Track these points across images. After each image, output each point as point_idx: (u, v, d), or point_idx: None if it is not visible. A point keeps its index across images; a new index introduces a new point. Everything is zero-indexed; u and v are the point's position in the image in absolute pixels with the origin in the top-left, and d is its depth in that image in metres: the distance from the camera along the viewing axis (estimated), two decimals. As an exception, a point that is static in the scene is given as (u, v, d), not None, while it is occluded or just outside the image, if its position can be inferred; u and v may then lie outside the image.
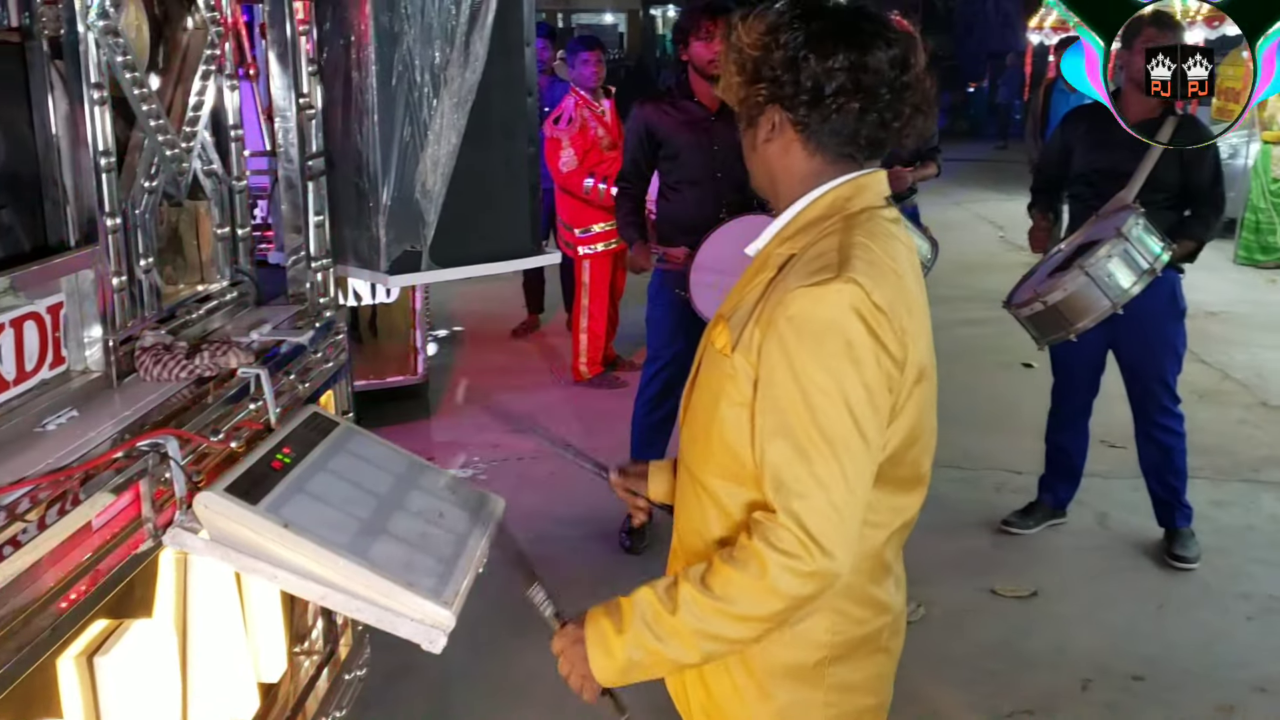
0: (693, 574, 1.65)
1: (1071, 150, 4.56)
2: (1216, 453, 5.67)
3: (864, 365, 1.59)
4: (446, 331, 7.91)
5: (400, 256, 2.78)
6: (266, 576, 1.75)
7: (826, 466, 1.58)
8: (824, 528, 1.57)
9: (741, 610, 1.61)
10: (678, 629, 1.63)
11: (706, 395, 1.77)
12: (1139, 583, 4.41)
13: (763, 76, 1.69)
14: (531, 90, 3.04)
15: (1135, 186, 4.27)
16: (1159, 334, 4.44)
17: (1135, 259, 4.09)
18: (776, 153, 1.75)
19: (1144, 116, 4.33)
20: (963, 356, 7.27)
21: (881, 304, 1.61)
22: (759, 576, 1.58)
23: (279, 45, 2.63)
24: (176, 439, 1.76)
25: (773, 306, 1.64)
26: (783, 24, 1.67)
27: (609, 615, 1.69)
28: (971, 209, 13.87)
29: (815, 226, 1.71)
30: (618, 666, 1.68)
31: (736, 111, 1.78)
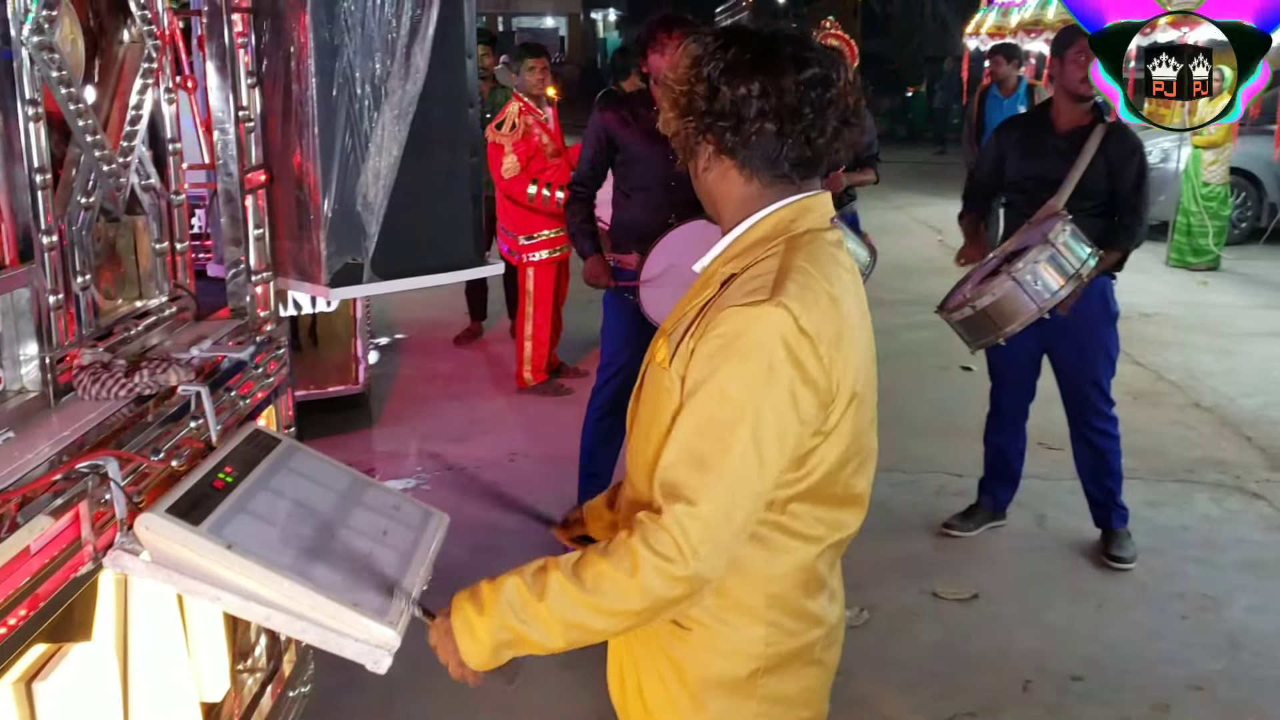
0: (563, 562, 1.68)
1: (1004, 158, 4.64)
2: (1151, 454, 5.78)
3: (778, 390, 1.63)
4: (388, 339, 7.87)
5: (341, 269, 2.76)
6: (209, 598, 1.73)
7: (717, 478, 1.62)
8: (702, 535, 1.61)
9: (608, 604, 1.65)
10: (542, 615, 1.66)
11: (649, 408, 1.80)
12: (1077, 583, 4.49)
13: (692, 109, 1.73)
14: (473, 102, 3.04)
15: (1064, 194, 4.36)
16: (1092, 338, 4.52)
17: (1061, 265, 4.17)
18: (715, 180, 1.80)
19: (1074, 125, 4.42)
20: (903, 360, 7.35)
21: (809, 329, 1.64)
22: (630, 573, 1.62)
23: (217, 57, 2.61)
24: (116, 460, 1.74)
25: (706, 323, 1.68)
26: (703, 56, 1.72)
27: (472, 601, 1.71)
28: (911, 213, 14.02)
29: (759, 247, 1.74)
30: (486, 649, 1.70)
31: (678, 144, 1.81)
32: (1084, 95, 4.42)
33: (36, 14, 1.95)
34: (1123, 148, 4.40)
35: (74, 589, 1.68)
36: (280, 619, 1.73)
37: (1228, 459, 5.81)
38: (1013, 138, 4.65)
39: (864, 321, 1.83)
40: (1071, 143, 4.39)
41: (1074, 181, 4.34)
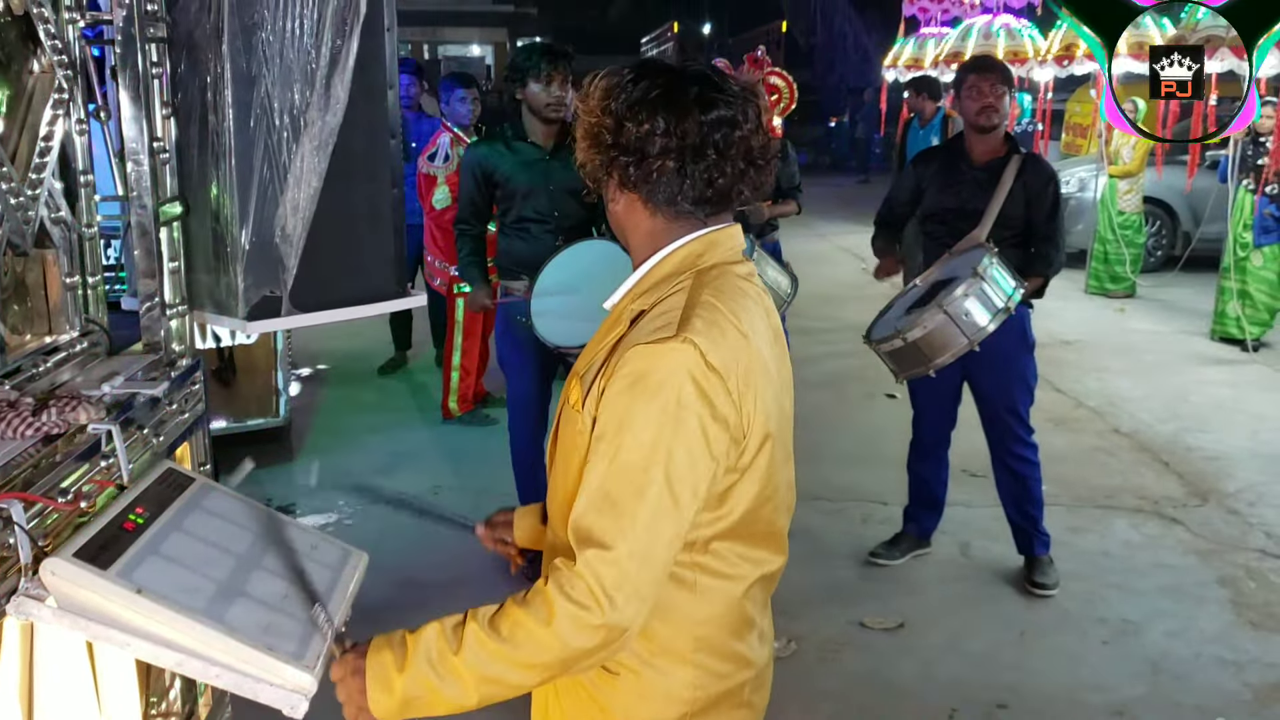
0: (482, 614, 1.65)
1: (922, 190, 4.71)
2: (1072, 480, 5.88)
3: (688, 427, 1.62)
4: (310, 370, 7.76)
5: (259, 302, 2.71)
6: (119, 644, 1.68)
7: (631, 522, 1.59)
8: (618, 582, 1.58)
9: (523, 656, 1.61)
10: (457, 669, 1.62)
11: (565, 453, 1.78)
12: (1001, 611, 4.53)
13: (599, 142, 1.74)
14: (395, 133, 3.01)
15: (987, 225, 4.44)
16: (1011, 367, 4.59)
17: (990, 298, 4.23)
18: (623, 213, 1.80)
19: (991, 156, 4.52)
20: (827, 388, 7.41)
21: (717, 365, 1.63)
22: (545, 622, 1.59)
23: (131, 87, 2.55)
24: (20, 502, 1.67)
25: (615, 362, 1.67)
26: (613, 90, 1.72)
27: (392, 649, 1.67)
28: (834, 241, 14.18)
29: (667, 283, 1.74)
30: (395, 703, 1.65)
31: (588, 174, 1.80)
32: (982, 126, 4.50)
33: (-61, 43, 1.90)
34: (1039, 177, 4.50)
35: (-26, 638, 1.62)
36: (193, 665, 1.68)
37: (1146, 485, 5.92)
38: (930, 169, 4.73)
39: (778, 354, 1.82)
40: (989, 174, 4.48)
41: (995, 212, 4.42)
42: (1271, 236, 8.61)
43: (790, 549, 1.91)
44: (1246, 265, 8.76)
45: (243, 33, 2.60)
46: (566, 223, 4.47)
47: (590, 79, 1.76)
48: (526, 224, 4.57)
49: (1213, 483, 5.94)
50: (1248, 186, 8.71)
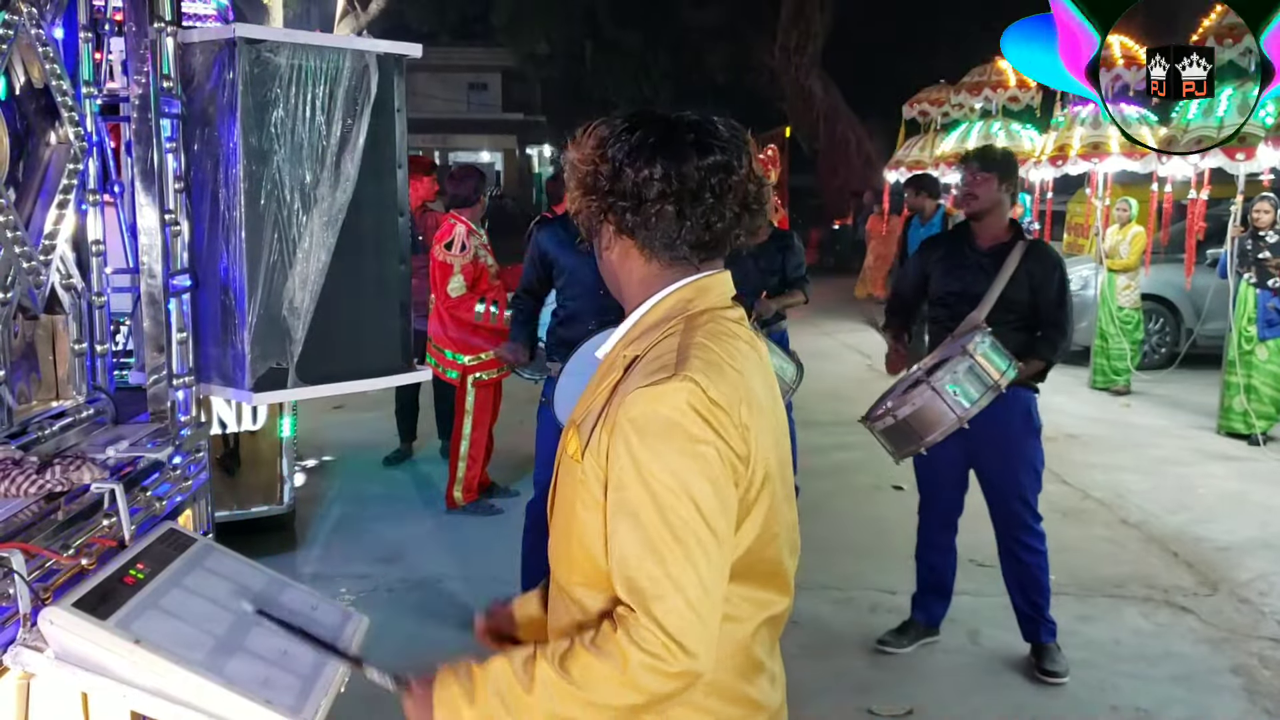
0: (550, 653, 1.65)
1: (928, 276, 4.76)
2: (1080, 569, 5.82)
3: (707, 460, 1.62)
4: (316, 461, 7.75)
5: (266, 373, 2.74)
6: (116, 695, 1.66)
7: (680, 567, 1.59)
8: (683, 629, 1.58)
9: (597, 699, 1.61)
10: (530, 707, 1.63)
11: (564, 503, 1.78)
12: (1011, 698, 4.46)
13: (595, 189, 1.75)
14: (403, 210, 3.07)
15: (986, 307, 4.48)
16: (1016, 451, 4.58)
17: (979, 376, 4.28)
18: (617, 259, 1.83)
19: (995, 241, 4.57)
20: (834, 478, 7.40)
21: (719, 400, 1.65)
22: (619, 669, 1.59)
23: (144, 161, 2.61)
24: (21, 553, 1.68)
25: (615, 409, 1.67)
26: (608, 138, 1.75)
27: (459, 682, 1.69)
28: (839, 339, 14.24)
29: (658, 328, 1.76)
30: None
31: (581, 222, 1.83)
32: (967, 212, 4.62)
33: (-40, 108, 1.95)
34: (1043, 263, 4.54)
35: (-30, 686, 1.61)
36: (189, 716, 1.66)
37: (1156, 574, 5.86)
38: (935, 255, 4.79)
39: (773, 398, 1.83)
40: (993, 259, 4.53)
41: (995, 295, 4.46)
42: (1276, 330, 8.64)
43: (798, 637, 1.92)
44: (1252, 359, 8.77)
45: (255, 110, 2.67)
46: (611, 303, 4.53)
47: (584, 128, 1.79)
48: (571, 302, 4.72)
49: (1223, 572, 5.87)
50: (1249, 280, 8.76)
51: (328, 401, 9.44)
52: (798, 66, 26.05)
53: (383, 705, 1.87)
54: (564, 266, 4.77)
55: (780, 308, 6.52)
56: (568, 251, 4.72)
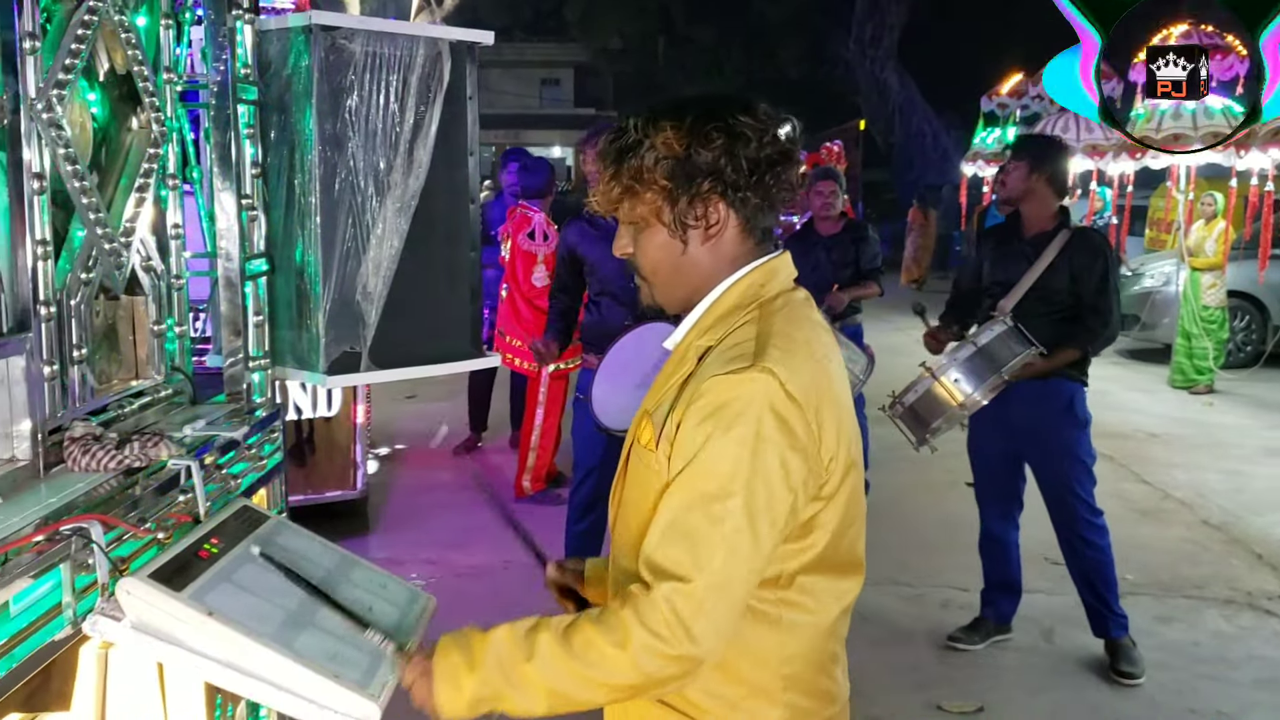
0: (555, 624, 1.65)
1: (983, 265, 4.72)
2: (1159, 570, 5.71)
3: (767, 460, 1.60)
4: (388, 449, 7.84)
5: (339, 357, 2.77)
6: (188, 666, 1.69)
7: (709, 555, 1.58)
8: (692, 613, 1.57)
9: (595, 675, 1.61)
10: (528, 677, 1.63)
11: (637, 493, 1.76)
12: (1086, 698, 4.39)
13: (699, 173, 1.69)
14: (474, 198, 3.09)
15: (1015, 296, 4.48)
16: (1058, 443, 4.54)
17: (985, 363, 4.30)
18: (678, 257, 1.76)
19: (1040, 230, 4.53)
20: (908, 475, 7.32)
21: (796, 394, 1.62)
22: (620, 646, 1.58)
23: (222, 148, 2.65)
24: (100, 524, 1.71)
25: (688, 396, 1.65)
26: (701, 119, 1.70)
27: (460, 650, 1.69)
28: (913, 334, 13.95)
29: (731, 316, 1.74)
30: (465, 701, 1.67)
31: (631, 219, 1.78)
32: (1004, 200, 4.60)
33: (47, 93, 1.99)
34: (1086, 251, 4.47)
35: (50, 653, 1.64)
36: (259, 689, 1.69)
37: (1238, 576, 5.73)
38: (989, 245, 4.81)
39: (844, 381, 1.81)
40: (1035, 248, 4.50)
41: (1027, 284, 4.46)
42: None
43: (867, 632, 1.94)
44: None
45: (330, 97, 2.70)
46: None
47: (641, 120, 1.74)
48: (603, 298, 4.73)
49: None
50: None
51: (401, 391, 9.56)
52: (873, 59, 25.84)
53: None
54: (595, 262, 4.83)
55: (851, 299, 6.47)
56: (598, 247, 4.77)
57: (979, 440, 4.74)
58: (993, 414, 4.48)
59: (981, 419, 4.55)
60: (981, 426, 4.64)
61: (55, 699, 1.80)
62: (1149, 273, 12.04)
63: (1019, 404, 4.45)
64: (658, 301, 1.84)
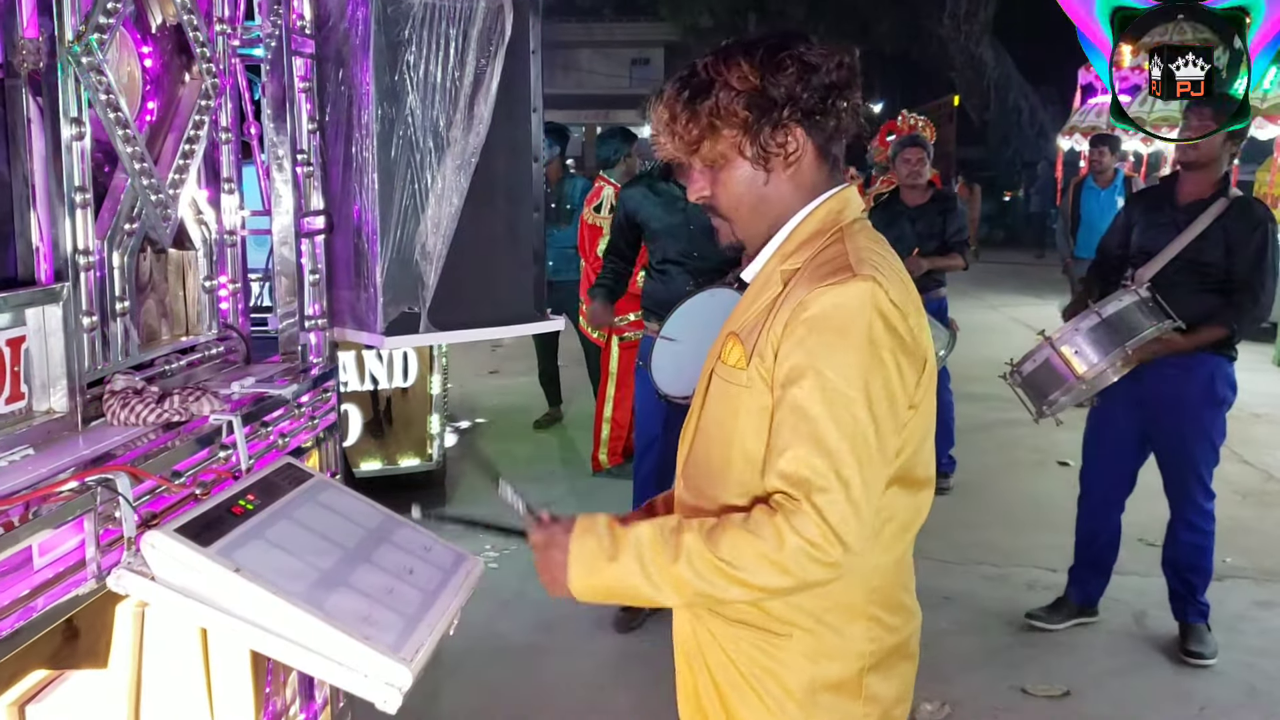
0: (696, 525, 1.65)
1: (1131, 230, 4.47)
2: (1261, 553, 5.45)
3: (885, 365, 1.63)
4: (469, 423, 7.83)
5: (398, 318, 2.71)
6: (212, 624, 1.63)
7: (846, 463, 1.59)
8: (844, 521, 1.58)
9: (745, 576, 1.61)
10: (674, 577, 1.64)
11: (721, 413, 1.78)
12: (1179, 684, 4.18)
13: (777, 101, 1.72)
14: (537, 156, 3.00)
15: (1156, 265, 4.24)
16: (1192, 420, 4.28)
17: (1105, 337, 4.08)
18: (790, 176, 1.78)
19: (1196, 197, 4.25)
20: (998, 454, 7.15)
21: (896, 299, 1.65)
22: (776, 549, 1.59)
23: (277, 101, 2.60)
24: (128, 476, 1.66)
25: (789, 312, 1.66)
26: (772, 50, 1.73)
27: (599, 537, 1.70)
28: (1006, 313, 13.75)
29: (813, 241, 1.76)
30: (595, 586, 1.71)
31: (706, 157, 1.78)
32: (1182, 161, 4.32)
33: (86, 35, 1.94)
34: (1244, 222, 4.18)
35: (72, 607, 1.59)
36: (286, 649, 1.62)
37: (1346, 561, 5.43)
38: (1137, 210, 4.52)
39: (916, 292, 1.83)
40: (1189, 215, 4.22)
41: (1172, 253, 4.19)
42: None
43: (951, 613, 1.92)
44: None
45: (388, 50, 2.63)
46: (705, 264, 4.48)
47: (709, 60, 1.77)
48: (666, 265, 4.65)
49: None
50: None
51: (483, 365, 9.56)
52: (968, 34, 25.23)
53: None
54: (656, 227, 4.70)
55: (932, 268, 6.24)
56: (659, 211, 4.65)
57: (1105, 417, 4.48)
58: (1126, 390, 4.25)
59: (1113, 396, 4.31)
60: (1111, 404, 4.39)
61: (85, 657, 1.75)
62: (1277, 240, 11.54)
63: (1155, 380, 4.20)
64: (738, 238, 1.86)
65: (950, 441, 6.59)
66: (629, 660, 4.29)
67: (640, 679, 4.11)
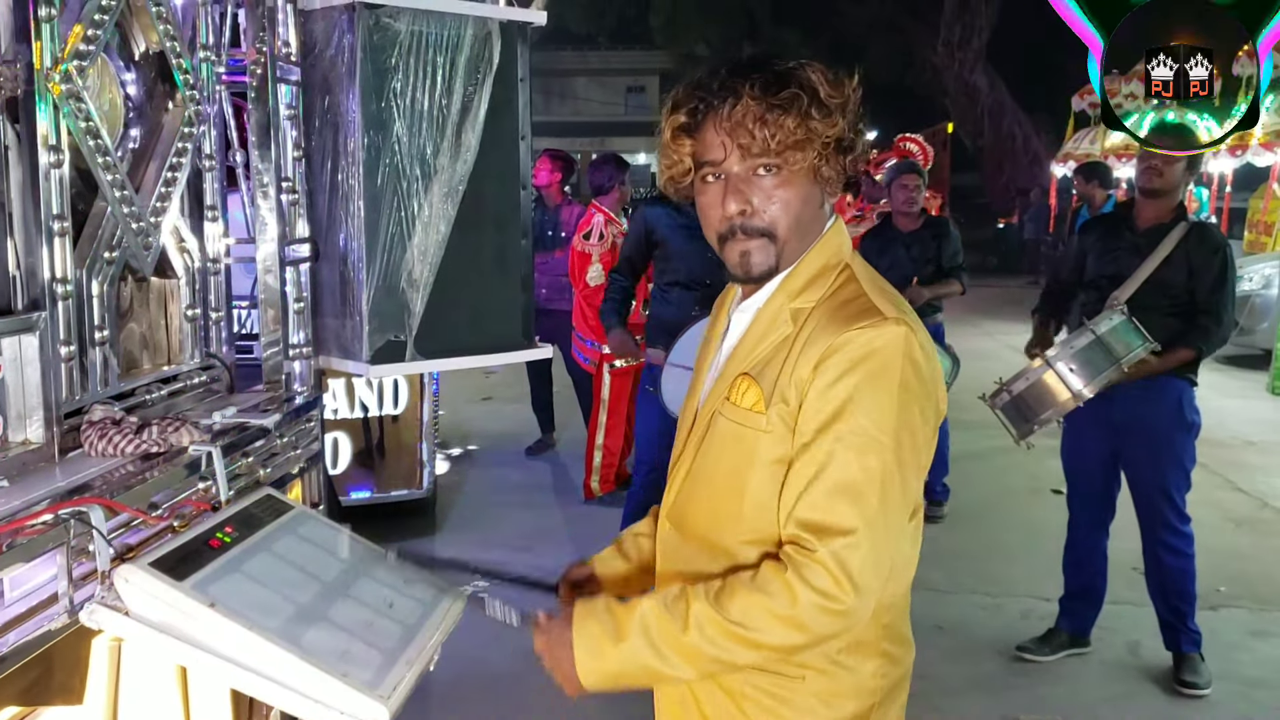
0: (702, 592, 1.61)
1: (1086, 258, 4.50)
2: (1256, 581, 5.42)
3: (912, 411, 1.62)
4: (460, 450, 7.80)
5: (383, 346, 2.69)
6: (188, 661, 1.60)
7: (874, 508, 1.57)
8: (864, 569, 1.56)
9: (760, 638, 1.58)
10: (686, 647, 1.61)
11: (733, 459, 1.72)
12: (1173, 714, 4.16)
13: (854, 125, 1.71)
14: (525, 184, 2.99)
15: (1129, 288, 4.26)
16: (1164, 444, 4.30)
17: (1101, 353, 4.08)
18: (827, 204, 1.77)
19: (1155, 222, 4.30)
20: (991, 482, 7.13)
21: (925, 345, 1.65)
22: (788, 607, 1.56)
23: (263, 129, 2.58)
24: (102, 508, 1.63)
25: (817, 353, 1.62)
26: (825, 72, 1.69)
27: (600, 621, 1.67)
28: (1002, 339, 13.72)
29: (822, 278, 1.72)
30: (607, 672, 1.67)
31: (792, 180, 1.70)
32: (1144, 189, 4.36)
33: (64, 62, 1.92)
34: (1205, 245, 4.24)
35: (44, 643, 1.56)
36: (263, 686, 1.59)
37: (1342, 590, 5.41)
38: (1092, 237, 4.55)
39: None
40: (1149, 240, 4.27)
41: (1142, 277, 4.23)
42: None
43: (942, 642, 1.90)
44: None
45: (374, 77, 2.62)
46: (713, 291, 4.46)
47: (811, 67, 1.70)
48: (673, 288, 4.61)
49: None
50: None
51: (475, 392, 9.53)
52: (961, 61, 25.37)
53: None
54: (673, 249, 4.68)
55: (932, 296, 6.26)
56: (680, 234, 4.62)
57: (1076, 440, 4.52)
58: (1093, 412, 4.26)
59: (1080, 417, 4.32)
60: (1080, 426, 4.41)
61: (59, 693, 1.72)
62: (1248, 275, 11.56)
63: (1124, 401, 4.23)
64: (768, 262, 1.73)
65: (945, 469, 6.57)
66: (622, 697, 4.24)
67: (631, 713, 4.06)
